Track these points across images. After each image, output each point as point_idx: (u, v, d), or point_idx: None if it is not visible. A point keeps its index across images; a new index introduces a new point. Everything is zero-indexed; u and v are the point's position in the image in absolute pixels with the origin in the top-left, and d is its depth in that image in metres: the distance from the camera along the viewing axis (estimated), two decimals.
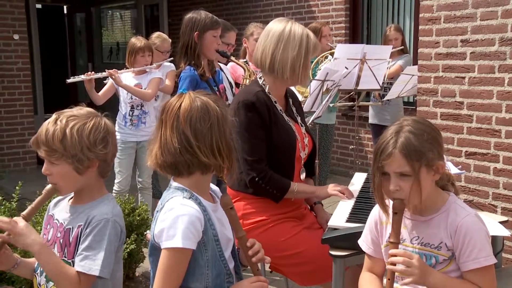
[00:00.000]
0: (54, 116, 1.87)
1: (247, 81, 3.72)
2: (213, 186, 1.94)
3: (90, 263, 1.81)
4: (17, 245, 1.82)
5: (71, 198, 1.97)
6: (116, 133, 4.63)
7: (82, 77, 4.46)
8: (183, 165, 1.75)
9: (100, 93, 4.72)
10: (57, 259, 1.83)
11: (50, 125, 1.83)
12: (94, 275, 1.81)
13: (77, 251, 1.84)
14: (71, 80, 4.51)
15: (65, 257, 1.86)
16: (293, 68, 2.59)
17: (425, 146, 1.78)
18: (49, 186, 1.87)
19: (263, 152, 2.57)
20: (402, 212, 1.83)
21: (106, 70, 4.60)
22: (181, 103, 1.75)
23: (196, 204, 1.76)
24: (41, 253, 1.79)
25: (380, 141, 1.85)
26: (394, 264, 1.78)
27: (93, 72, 4.56)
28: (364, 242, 2.07)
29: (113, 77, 4.54)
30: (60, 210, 1.97)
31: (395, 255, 1.78)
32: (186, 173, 1.78)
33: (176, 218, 1.70)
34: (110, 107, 4.94)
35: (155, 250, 1.81)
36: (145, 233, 4.09)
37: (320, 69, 4.91)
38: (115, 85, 4.63)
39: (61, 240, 1.88)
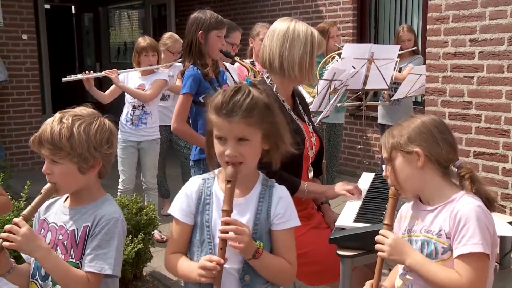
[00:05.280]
0: (57, 115, 1.86)
1: None
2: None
3: (102, 263, 1.80)
4: (21, 251, 1.79)
5: (65, 200, 1.95)
6: (119, 132, 4.65)
7: (78, 76, 4.46)
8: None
9: (107, 92, 4.74)
10: (62, 263, 1.80)
11: (55, 123, 1.82)
12: (105, 274, 1.81)
13: (85, 251, 1.83)
14: (67, 78, 4.49)
15: (72, 258, 1.84)
16: (300, 67, 2.60)
17: (400, 133, 1.90)
18: (48, 185, 1.84)
19: None
20: (397, 197, 1.94)
21: (103, 70, 4.62)
22: None
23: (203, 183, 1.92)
24: (47, 258, 1.77)
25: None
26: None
27: (91, 72, 4.57)
28: None
29: (111, 77, 4.56)
30: (55, 213, 1.94)
31: (383, 235, 1.89)
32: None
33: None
34: (117, 106, 4.97)
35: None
36: (152, 232, 4.10)
37: (327, 69, 4.92)
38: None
39: (65, 242, 1.86)
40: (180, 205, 1.89)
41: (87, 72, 4.53)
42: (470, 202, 1.81)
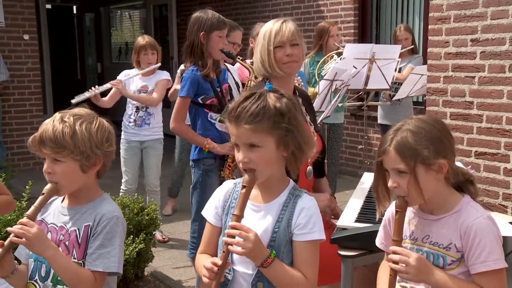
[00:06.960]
0: (57, 114, 1.87)
1: (252, 83, 3.72)
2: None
3: (106, 261, 1.82)
4: (32, 250, 1.80)
5: (62, 200, 1.95)
6: (122, 133, 4.66)
7: (86, 94, 4.44)
8: None
9: (107, 97, 4.75)
10: (71, 262, 1.82)
11: (57, 122, 1.84)
12: (111, 272, 1.82)
13: (87, 250, 1.84)
14: (76, 100, 4.41)
15: (74, 258, 1.85)
16: (262, 63, 2.65)
17: (421, 143, 1.78)
18: (49, 186, 1.85)
19: None
20: (405, 210, 1.84)
21: (109, 82, 4.64)
22: None
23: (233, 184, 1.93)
24: (56, 258, 1.78)
25: (382, 138, 1.91)
26: (396, 262, 1.79)
27: (97, 87, 4.56)
28: (378, 237, 2.08)
29: (118, 88, 4.58)
30: (53, 214, 1.94)
31: (395, 252, 1.80)
32: None
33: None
34: (118, 107, 4.98)
35: None
36: (154, 232, 4.10)
37: (324, 69, 4.93)
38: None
39: (66, 242, 1.87)
40: (209, 207, 1.92)
41: (93, 88, 4.52)
42: (480, 215, 1.80)
